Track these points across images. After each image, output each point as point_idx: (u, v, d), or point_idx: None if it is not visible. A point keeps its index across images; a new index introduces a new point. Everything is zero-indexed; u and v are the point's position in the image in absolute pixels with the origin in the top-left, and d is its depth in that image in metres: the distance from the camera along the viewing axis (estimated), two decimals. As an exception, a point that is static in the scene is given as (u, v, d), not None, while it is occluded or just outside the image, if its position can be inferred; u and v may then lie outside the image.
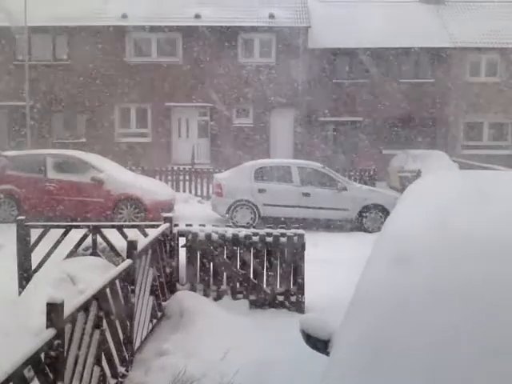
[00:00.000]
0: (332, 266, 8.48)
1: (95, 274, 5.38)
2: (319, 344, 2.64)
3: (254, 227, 10.41)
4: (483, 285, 2.26)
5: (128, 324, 4.95)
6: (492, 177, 4.18)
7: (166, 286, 6.44)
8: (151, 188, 13.11)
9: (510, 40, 23.93)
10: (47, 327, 3.29)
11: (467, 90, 24.00)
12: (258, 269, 6.75)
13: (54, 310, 3.30)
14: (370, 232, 12.27)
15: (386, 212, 12.26)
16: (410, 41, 23.35)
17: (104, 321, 4.29)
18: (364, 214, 12.75)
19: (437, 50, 23.84)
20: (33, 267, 6.68)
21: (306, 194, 12.78)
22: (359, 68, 23.95)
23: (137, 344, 5.24)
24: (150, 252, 5.70)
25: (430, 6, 26.33)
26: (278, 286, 6.78)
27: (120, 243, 6.39)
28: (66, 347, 3.46)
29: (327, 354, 2.53)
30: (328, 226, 12.81)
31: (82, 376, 3.75)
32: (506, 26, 24.21)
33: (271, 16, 22.58)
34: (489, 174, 4.59)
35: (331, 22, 23.84)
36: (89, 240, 6.62)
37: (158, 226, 6.56)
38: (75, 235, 6.64)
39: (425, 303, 2.25)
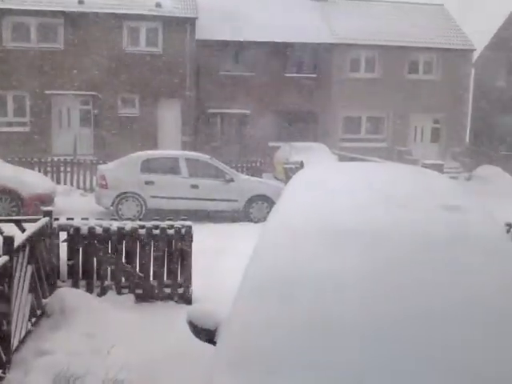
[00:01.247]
0: (220, 256, 8.54)
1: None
2: (206, 334, 2.64)
3: (140, 220, 10.23)
4: (359, 269, 2.38)
5: (4, 323, 4.67)
6: (367, 167, 4.44)
7: (46, 283, 6.13)
8: (29, 180, 12.41)
9: (389, 38, 25.36)
10: None
11: (347, 85, 25.12)
12: (145, 262, 6.62)
13: None
14: (256, 222, 12.49)
15: (271, 202, 12.54)
16: (295, 36, 23.98)
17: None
18: (251, 205, 12.97)
19: (320, 46, 24.68)
20: None
21: (195, 186, 12.74)
22: (246, 61, 24.24)
23: (15, 344, 4.97)
24: (27, 248, 5.40)
25: (315, 2, 27.17)
26: (165, 279, 6.70)
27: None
28: None
29: (214, 343, 2.53)
30: (216, 217, 12.87)
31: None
32: (386, 25, 25.63)
33: (158, 5, 22.19)
34: (364, 165, 4.87)
35: (219, 13, 23.87)
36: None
37: (36, 220, 6.22)
38: None
39: (309, 290, 2.32)
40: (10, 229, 5.82)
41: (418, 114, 26.08)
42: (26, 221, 6.55)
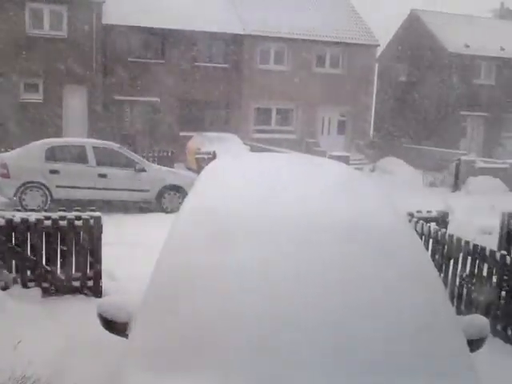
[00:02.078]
0: (131, 248, 8.41)
1: None
2: (118, 327, 2.62)
3: (45, 210, 9.84)
4: (264, 260, 2.45)
5: None
6: (277, 159, 4.55)
7: None
8: None
9: (297, 31, 25.84)
10: None
11: (258, 77, 25.39)
12: (52, 255, 6.40)
13: None
14: (169, 212, 12.39)
15: (184, 193, 12.48)
16: (206, 25, 23.85)
17: None
18: (163, 195, 12.85)
19: (231, 36, 24.73)
20: None
21: (103, 175, 12.41)
22: (156, 48, 23.85)
23: None
24: None
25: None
26: (74, 272, 6.52)
27: None
28: None
29: (126, 336, 2.52)
30: (127, 207, 12.63)
31: None
32: (295, 18, 26.07)
33: (61, -14, 21.26)
34: (274, 157, 4.98)
35: (128, -1, 23.26)
36: None
37: None
38: None
39: (218, 282, 2.36)
40: None
41: (325, 106, 26.84)
42: None
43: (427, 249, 6.65)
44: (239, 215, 2.74)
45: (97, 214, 6.60)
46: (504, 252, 6.04)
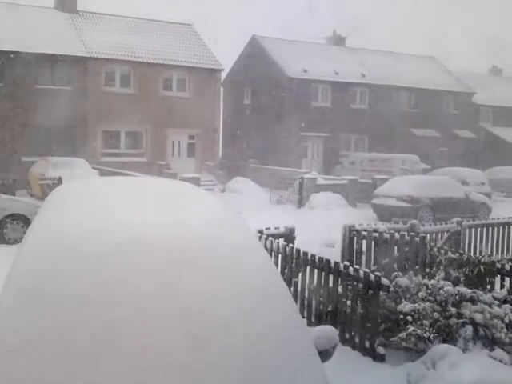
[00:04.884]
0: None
1: None
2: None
3: None
4: (111, 284, 2.42)
5: None
6: (126, 182, 4.51)
7: None
8: None
9: (142, 55, 25.76)
10: None
11: (104, 100, 24.79)
12: None
13: None
14: (12, 244, 11.56)
15: (27, 221, 11.72)
16: (47, 47, 22.94)
17: None
18: (5, 225, 11.97)
19: (73, 58, 23.95)
20: None
21: None
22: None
23: None
24: None
25: (65, 13, 26.31)
26: None
27: None
28: None
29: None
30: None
31: None
32: (139, 41, 26.01)
33: None
34: (123, 180, 4.93)
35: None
36: None
37: None
38: None
39: (63, 313, 2.26)
40: None
41: (174, 129, 26.95)
42: None
43: (277, 264, 6.93)
44: (86, 242, 2.68)
45: None
46: (347, 263, 6.49)
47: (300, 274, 6.84)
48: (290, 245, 7.22)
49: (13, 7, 24.35)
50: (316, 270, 6.64)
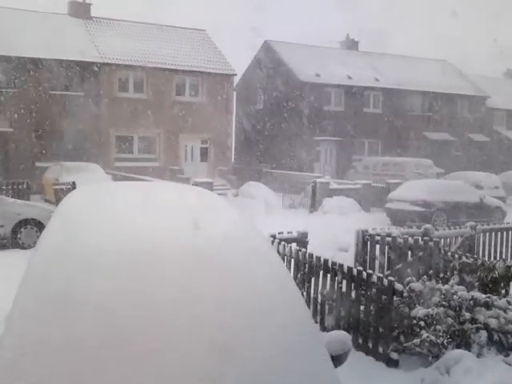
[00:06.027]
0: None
1: None
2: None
3: None
4: (127, 291, 2.42)
5: None
6: (140, 187, 4.52)
7: None
8: None
9: (156, 60, 25.91)
10: None
11: (117, 105, 24.98)
12: None
13: None
14: (26, 248, 11.66)
15: (41, 226, 11.82)
16: (61, 53, 23.18)
17: None
18: (19, 230, 12.07)
19: (86, 64, 24.16)
20: None
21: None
22: (7, 76, 22.58)
23: None
24: None
25: (79, 20, 26.55)
26: None
27: None
28: None
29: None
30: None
31: None
32: (153, 47, 26.16)
33: None
34: (137, 185, 4.93)
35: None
36: None
37: None
38: None
39: (76, 318, 2.28)
40: None
41: (187, 134, 27.05)
42: None
43: (290, 269, 6.92)
44: (99, 248, 2.68)
45: None
46: (360, 268, 6.46)
47: (313, 279, 6.82)
48: (303, 249, 7.21)
49: (42, 14, 24.64)
50: (329, 275, 6.62)
